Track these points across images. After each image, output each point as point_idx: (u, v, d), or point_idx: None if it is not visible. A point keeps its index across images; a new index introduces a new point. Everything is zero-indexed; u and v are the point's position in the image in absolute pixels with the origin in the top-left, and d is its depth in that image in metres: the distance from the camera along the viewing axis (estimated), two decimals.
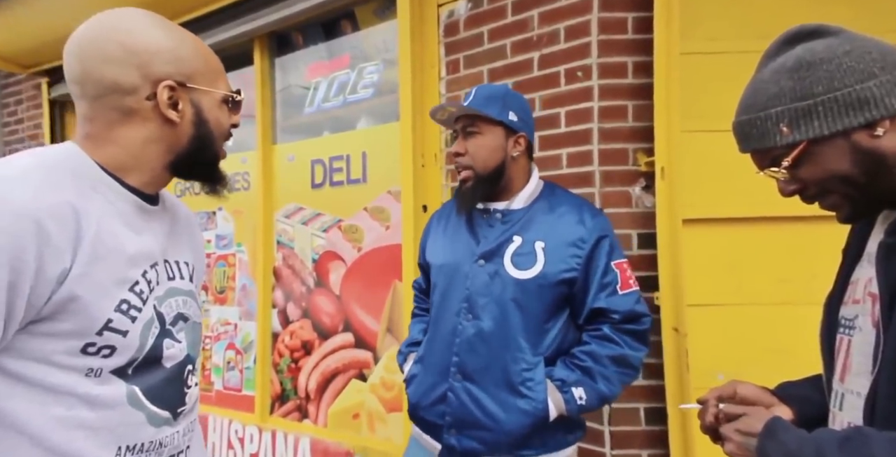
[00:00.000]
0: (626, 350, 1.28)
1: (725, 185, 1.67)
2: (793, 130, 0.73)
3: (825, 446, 0.67)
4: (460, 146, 1.33)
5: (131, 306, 0.74)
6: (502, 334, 1.27)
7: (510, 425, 1.25)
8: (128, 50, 0.75)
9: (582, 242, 1.29)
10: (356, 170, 2.39)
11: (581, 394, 1.26)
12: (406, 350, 1.47)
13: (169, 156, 0.80)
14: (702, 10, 1.71)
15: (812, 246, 1.47)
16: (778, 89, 0.74)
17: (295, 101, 2.67)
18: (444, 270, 1.37)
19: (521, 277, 1.27)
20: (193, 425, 0.86)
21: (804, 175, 0.75)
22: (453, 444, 1.30)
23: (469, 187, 1.32)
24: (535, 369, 1.26)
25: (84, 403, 0.71)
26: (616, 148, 1.77)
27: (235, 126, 0.88)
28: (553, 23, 1.85)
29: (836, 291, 0.83)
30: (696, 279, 1.66)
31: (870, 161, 0.71)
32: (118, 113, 0.76)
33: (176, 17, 2.77)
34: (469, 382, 1.29)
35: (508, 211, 1.35)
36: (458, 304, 1.32)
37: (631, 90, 1.77)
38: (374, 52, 2.41)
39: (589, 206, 1.39)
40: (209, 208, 2.93)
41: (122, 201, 0.77)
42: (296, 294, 2.57)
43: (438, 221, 1.48)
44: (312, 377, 2.47)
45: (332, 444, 2.32)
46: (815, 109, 0.72)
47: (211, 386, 2.84)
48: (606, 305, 1.28)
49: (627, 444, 1.71)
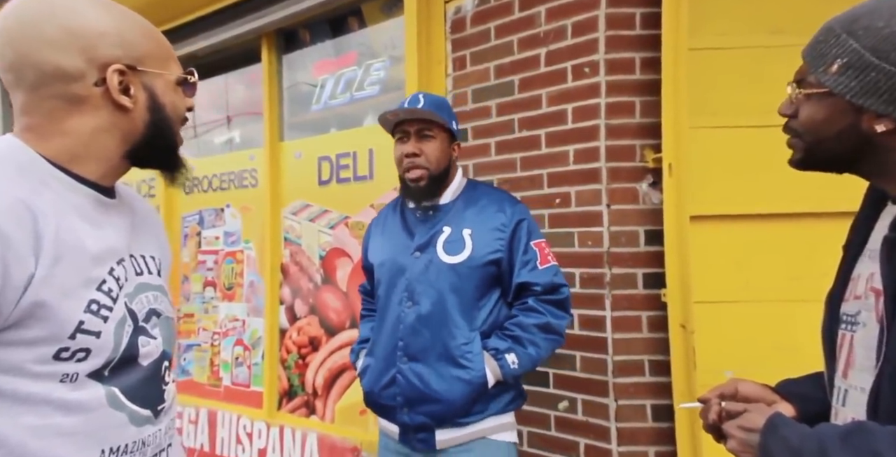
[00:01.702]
0: (549, 318, 1.41)
1: (733, 181, 1.66)
2: (839, 72, 0.69)
3: (827, 440, 0.67)
4: (415, 147, 1.44)
5: (102, 306, 0.70)
6: (440, 315, 1.41)
7: (453, 395, 1.37)
8: (70, 33, 0.69)
9: (504, 227, 1.44)
10: (363, 167, 2.40)
11: (514, 359, 1.39)
12: (357, 348, 1.59)
13: (124, 144, 0.75)
14: (710, 5, 1.69)
15: (820, 243, 1.45)
16: (880, 26, 0.66)
17: (302, 99, 2.67)
18: (386, 266, 1.50)
19: (453, 261, 1.42)
20: (173, 422, 0.84)
21: (803, 109, 0.75)
22: (406, 421, 1.42)
23: (424, 185, 1.45)
24: (472, 343, 1.40)
25: (60, 409, 0.67)
26: (623, 144, 1.76)
27: (191, 109, 0.83)
28: (560, 19, 1.84)
29: (837, 287, 0.82)
30: (703, 276, 1.66)
31: (854, 140, 0.71)
32: (64, 101, 0.70)
33: (183, 15, 2.79)
34: (414, 362, 1.41)
35: (438, 206, 1.49)
36: (399, 294, 1.45)
37: (638, 86, 1.76)
38: (381, 49, 2.41)
39: (508, 196, 1.53)
40: (218, 205, 2.95)
41: (77, 195, 0.72)
42: (303, 291, 2.58)
43: (376, 226, 1.62)
44: (320, 373, 2.48)
45: (338, 439, 2.34)
46: (870, 71, 0.67)
47: (220, 382, 2.87)
48: (528, 278, 1.42)
49: (634, 441, 1.71)
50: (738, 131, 1.66)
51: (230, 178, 2.91)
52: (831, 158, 0.75)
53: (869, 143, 0.71)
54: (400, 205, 1.57)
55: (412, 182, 1.45)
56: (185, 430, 2.88)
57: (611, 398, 1.72)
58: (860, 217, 0.83)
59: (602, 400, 1.73)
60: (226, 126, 3.02)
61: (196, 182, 3.02)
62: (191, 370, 3.00)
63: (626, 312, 1.74)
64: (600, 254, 1.75)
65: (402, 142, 1.47)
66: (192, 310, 3.02)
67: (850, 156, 0.73)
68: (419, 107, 1.43)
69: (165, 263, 0.88)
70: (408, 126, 1.45)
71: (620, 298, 1.74)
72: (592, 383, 1.75)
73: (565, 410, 1.81)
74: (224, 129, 3.03)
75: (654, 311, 1.72)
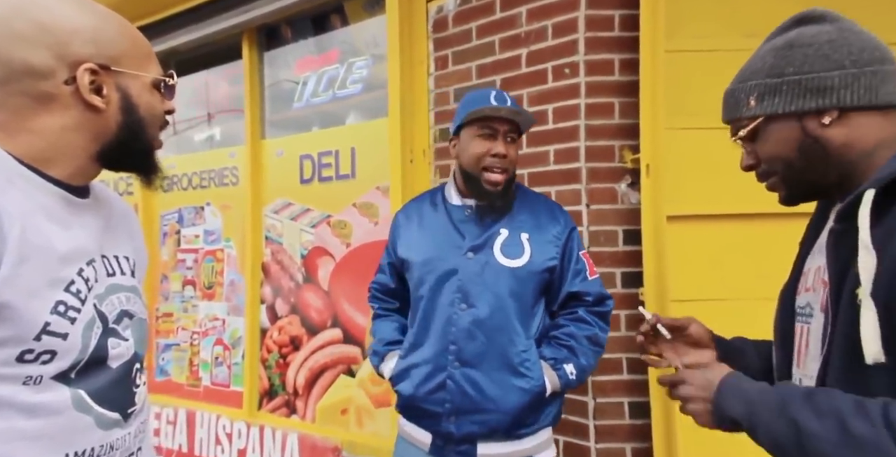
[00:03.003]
0: (597, 330, 1.41)
1: (709, 182, 1.69)
2: (757, 103, 0.77)
3: (788, 396, 0.68)
4: (505, 148, 1.38)
5: (69, 307, 0.69)
6: (499, 320, 1.35)
7: (509, 404, 1.32)
8: (41, 28, 0.68)
9: (560, 234, 1.42)
10: (345, 165, 2.39)
11: (571, 369, 1.37)
12: (383, 350, 1.48)
13: (95, 145, 0.74)
14: (687, 8, 1.72)
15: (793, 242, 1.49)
16: (761, 65, 0.77)
17: (284, 96, 2.66)
18: (431, 265, 1.41)
19: (512, 265, 1.37)
20: (144, 425, 0.82)
21: (759, 150, 0.79)
22: (451, 430, 1.35)
23: (502, 188, 1.40)
24: (531, 350, 1.36)
25: (23, 412, 0.66)
26: (602, 145, 1.78)
27: (170, 112, 0.81)
28: (541, 19, 1.85)
29: (791, 281, 0.86)
30: (680, 275, 1.68)
31: (813, 148, 0.74)
32: (31, 99, 0.69)
33: (164, 9, 2.75)
34: (468, 367, 1.35)
35: (489, 207, 1.44)
36: (450, 295, 1.37)
37: (617, 87, 1.78)
38: (363, 48, 2.40)
39: (557, 204, 1.52)
40: (198, 203, 2.92)
41: (45, 195, 0.70)
42: (284, 290, 2.57)
43: (408, 219, 1.53)
44: (301, 373, 2.47)
45: (319, 439, 2.33)
46: (780, 88, 0.75)
47: (199, 382, 2.84)
48: (580, 288, 1.41)
49: (612, 437, 1.73)
50: (714, 133, 1.67)
51: (210, 175, 2.88)
52: (808, 180, 0.77)
53: (827, 145, 0.74)
54: (441, 201, 1.49)
55: (492, 184, 1.38)
56: (162, 430, 2.85)
57: (589, 396, 1.74)
58: (815, 215, 0.86)
59: (581, 398, 1.75)
60: (206, 123, 2.99)
61: (176, 180, 2.99)
62: (169, 370, 2.96)
63: None
64: None
65: (488, 139, 1.38)
66: (171, 309, 2.99)
67: (821, 170, 0.76)
68: (509, 105, 1.37)
69: (140, 263, 0.87)
70: (497, 124, 1.38)
71: None
72: None
73: None
74: (205, 126, 2.99)
75: (632, 309, 1.75)
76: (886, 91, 0.72)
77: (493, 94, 1.40)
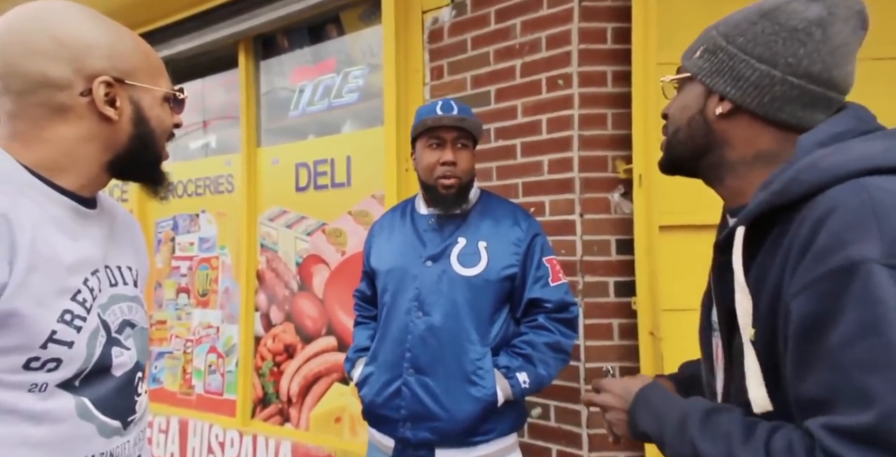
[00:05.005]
0: (559, 337, 1.40)
1: (700, 193, 1.69)
2: (699, 57, 0.72)
3: (689, 414, 0.66)
4: (453, 156, 1.41)
5: (75, 316, 0.70)
6: (454, 328, 1.36)
7: (462, 413, 1.33)
8: (59, 42, 0.71)
9: (520, 241, 1.42)
10: (340, 173, 2.40)
11: (525, 378, 1.36)
12: (354, 356, 1.52)
13: (106, 155, 0.76)
14: (679, 21, 1.74)
15: None
16: (737, 18, 0.70)
17: (280, 105, 2.67)
18: (393, 274, 1.45)
19: (468, 274, 1.38)
20: (143, 434, 0.84)
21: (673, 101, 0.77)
22: (408, 436, 1.36)
23: (453, 193, 1.42)
24: (485, 359, 1.36)
25: (27, 419, 0.67)
26: (596, 155, 1.80)
27: (178, 126, 0.84)
28: (535, 31, 1.88)
29: (707, 292, 0.83)
30: (671, 284, 1.69)
31: (699, 128, 0.72)
32: (48, 110, 0.72)
33: (161, 18, 2.77)
34: (422, 374, 1.36)
35: (454, 214, 1.46)
36: (407, 303, 1.40)
37: (610, 99, 1.80)
38: (360, 57, 2.42)
39: (521, 209, 1.51)
40: (193, 210, 2.92)
41: (56, 206, 0.72)
42: (279, 298, 2.57)
43: (380, 230, 1.57)
44: (294, 381, 2.47)
45: (313, 448, 2.32)
46: (718, 53, 0.70)
47: (192, 390, 2.82)
48: (540, 295, 1.40)
49: (605, 447, 1.73)
50: None
51: (206, 183, 2.88)
52: (683, 153, 0.75)
53: (711, 134, 0.72)
54: (410, 211, 1.53)
55: (445, 190, 1.41)
56: (155, 439, 2.83)
57: (583, 405, 1.75)
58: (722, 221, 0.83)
59: (574, 407, 1.76)
60: (202, 131, 3.00)
61: (171, 187, 2.99)
62: (162, 378, 2.95)
63: (598, 319, 1.77)
64: (573, 262, 1.78)
65: (436, 148, 1.42)
66: (165, 317, 2.98)
67: (697, 150, 0.73)
68: (454, 114, 1.40)
69: (143, 273, 0.89)
70: (444, 133, 1.41)
71: (592, 306, 1.77)
72: (565, 389, 1.78)
73: (538, 416, 1.82)
74: (200, 133, 3.00)
75: (624, 318, 1.76)
76: (791, 111, 0.66)
77: (439, 104, 1.44)
